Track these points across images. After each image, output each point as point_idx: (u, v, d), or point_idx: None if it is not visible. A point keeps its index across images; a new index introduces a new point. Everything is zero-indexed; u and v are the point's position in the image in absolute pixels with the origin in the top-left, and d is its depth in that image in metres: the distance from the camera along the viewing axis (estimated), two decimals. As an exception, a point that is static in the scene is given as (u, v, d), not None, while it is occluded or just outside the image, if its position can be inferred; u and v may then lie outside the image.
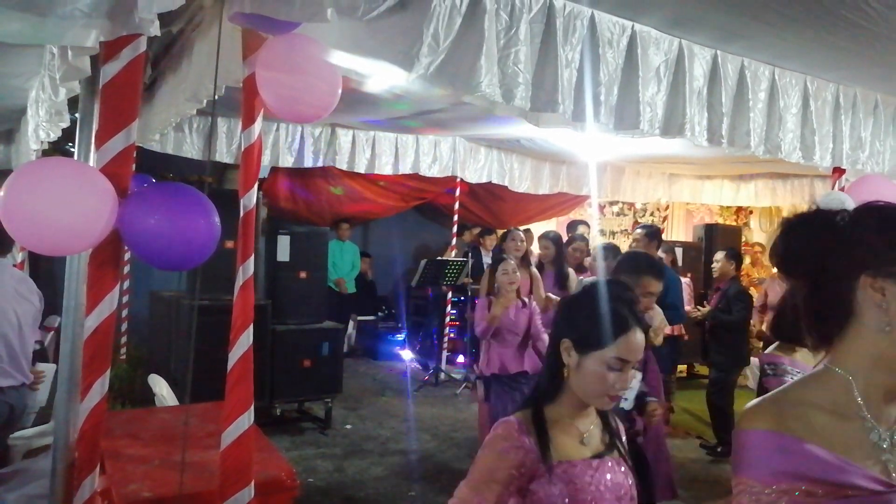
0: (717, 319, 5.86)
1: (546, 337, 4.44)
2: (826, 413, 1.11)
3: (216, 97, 2.71)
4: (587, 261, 5.77)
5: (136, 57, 2.03)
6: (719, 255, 6.15)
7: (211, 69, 2.45)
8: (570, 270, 5.54)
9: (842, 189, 4.06)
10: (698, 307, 6.29)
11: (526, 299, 4.55)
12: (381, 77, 2.70)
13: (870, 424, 1.11)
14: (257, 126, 2.23)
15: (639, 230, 5.64)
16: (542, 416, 1.59)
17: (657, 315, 3.84)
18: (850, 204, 1.20)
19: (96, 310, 2.00)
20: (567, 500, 1.53)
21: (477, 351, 5.53)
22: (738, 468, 1.11)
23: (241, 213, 2.21)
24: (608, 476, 1.60)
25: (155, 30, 1.97)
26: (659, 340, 3.89)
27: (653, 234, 5.32)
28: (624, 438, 1.76)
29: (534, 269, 5.26)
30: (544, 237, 5.63)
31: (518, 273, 4.52)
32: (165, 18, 3.25)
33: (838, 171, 4.01)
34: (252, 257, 2.22)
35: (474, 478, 1.56)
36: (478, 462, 1.58)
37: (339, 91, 2.23)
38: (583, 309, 1.64)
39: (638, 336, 1.59)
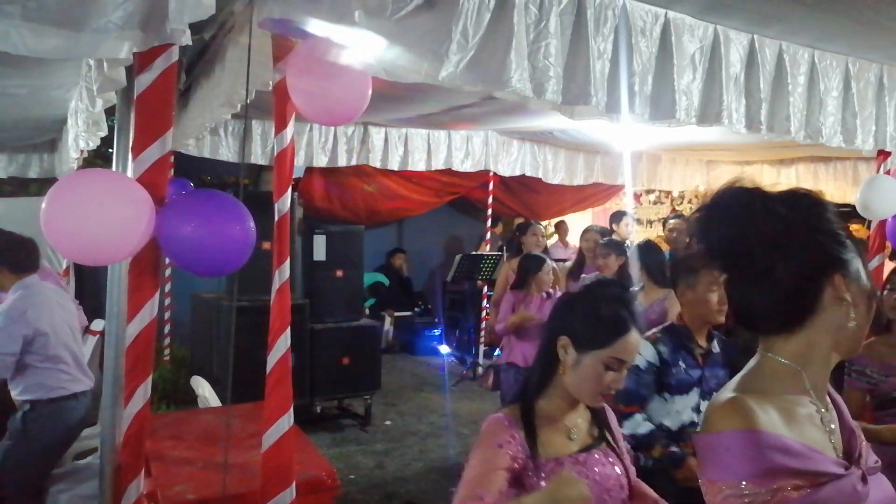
0: None
1: None
2: (786, 404, 1.11)
3: (248, 101, 2.74)
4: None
5: (169, 66, 2.05)
6: None
7: (243, 74, 2.48)
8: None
9: (887, 172, 3.94)
10: None
11: (551, 290, 4.50)
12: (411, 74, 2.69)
13: (821, 411, 1.14)
14: (289, 130, 2.25)
15: (674, 220, 5.63)
16: (532, 412, 1.61)
17: (674, 304, 3.73)
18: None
19: (137, 317, 2.03)
20: None
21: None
22: (719, 472, 1.06)
23: (276, 218, 2.23)
24: (596, 469, 1.62)
25: (186, 39, 1.99)
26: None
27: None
28: (614, 426, 1.77)
29: (554, 265, 5.15)
30: (591, 230, 5.60)
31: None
32: (197, 26, 3.28)
33: (883, 154, 3.88)
34: (287, 261, 2.24)
35: (474, 472, 1.52)
36: (474, 458, 1.56)
37: (369, 93, 2.23)
38: (583, 307, 1.65)
39: (635, 337, 1.61)
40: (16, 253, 3.40)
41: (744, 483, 1.03)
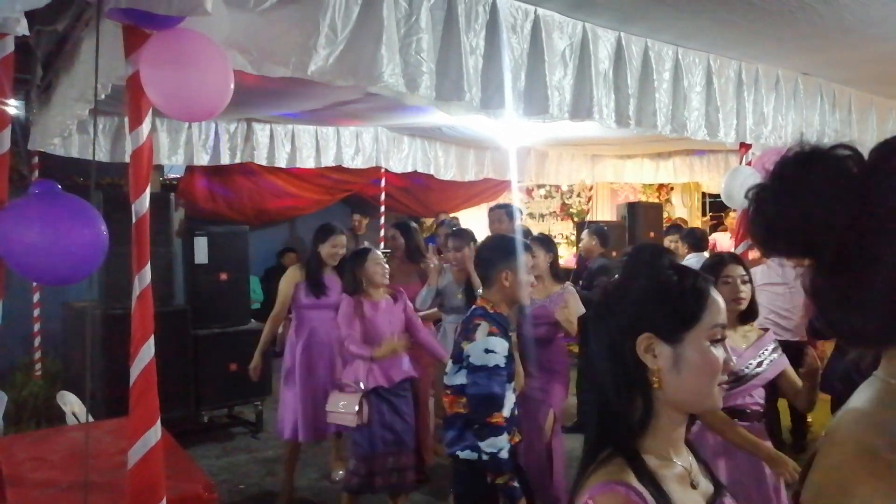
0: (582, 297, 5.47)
1: (422, 327, 4.00)
2: None
3: (104, 96, 2.58)
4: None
5: (4, 58, 1.89)
6: (584, 234, 5.85)
7: (99, 68, 2.32)
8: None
9: (749, 163, 4.19)
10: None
11: (395, 293, 3.95)
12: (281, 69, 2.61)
13: None
14: (146, 127, 2.11)
15: (497, 210, 5.19)
16: (645, 465, 1.15)
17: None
18: (755, 177, 0.90)
19: (-24, 332, 1.86)
20: None
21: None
22: None
23: (133, 220, 2.09)
24: None
25: (22, 29, 1.85)
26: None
27: (511, 213, 4.99)
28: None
29: (432, 262, 4.58)
30: (393, 227, 5.26)
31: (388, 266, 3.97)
32: (49, 16, 3.07)
33: (744, 146, 4.12)
34: (148, 266, 2.10)
35: None
36: None
37: (231, 87, 2.13)
38: (651, 285, 1.22)
39: (715, 291, 1.24)
40: None
41: None
